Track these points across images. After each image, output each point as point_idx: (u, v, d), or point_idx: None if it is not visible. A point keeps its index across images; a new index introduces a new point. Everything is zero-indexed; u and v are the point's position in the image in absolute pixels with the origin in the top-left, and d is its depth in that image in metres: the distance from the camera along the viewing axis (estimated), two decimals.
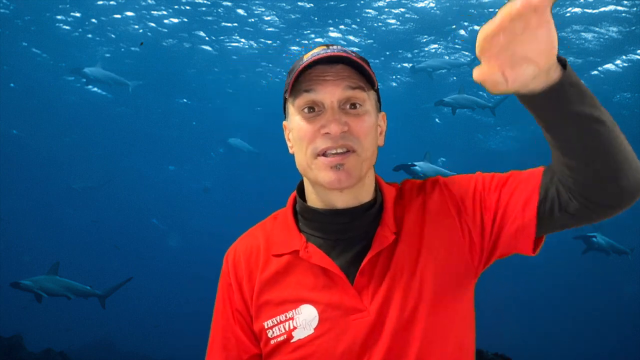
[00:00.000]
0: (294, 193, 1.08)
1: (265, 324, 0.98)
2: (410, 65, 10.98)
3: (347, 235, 0.98)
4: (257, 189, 18.15)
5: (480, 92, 11.59)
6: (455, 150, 14.63)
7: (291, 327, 0.95)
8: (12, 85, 12.57)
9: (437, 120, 14.20)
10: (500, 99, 8.81)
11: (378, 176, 1.07)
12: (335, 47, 0.96)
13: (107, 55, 11.29)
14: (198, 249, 17.48)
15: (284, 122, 1.05)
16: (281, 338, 0.96)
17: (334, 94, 0.93)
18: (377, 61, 11.39)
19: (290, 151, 1.03)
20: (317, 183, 0.97)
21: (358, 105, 0.94)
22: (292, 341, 0.95)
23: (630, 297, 14.60)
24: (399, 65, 11.42)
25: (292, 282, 0.98)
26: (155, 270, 15.53)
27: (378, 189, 1.05)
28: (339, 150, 0.92)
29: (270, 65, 12.04)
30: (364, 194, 1.00)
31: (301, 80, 0.95)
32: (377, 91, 1.01)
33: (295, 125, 0.97)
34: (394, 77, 12.01)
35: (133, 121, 15.11)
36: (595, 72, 10.48)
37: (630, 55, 9.75)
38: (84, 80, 10.10)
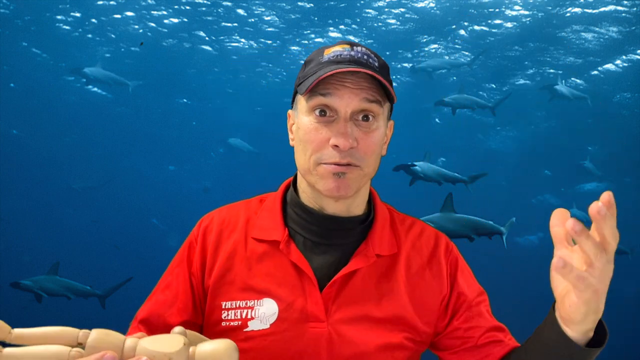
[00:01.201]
0: (288, 181, 1.06)
1: (223, 303, 0.95)
2: (410, 65, 10.98)
3: (331, 241, 0.97)
4: (257, 189, 18.08)
5: (480, 92, 11.60)
6: (455, 150, 14.62)
7: (248, 317, 0.93)
8: (12, 85, 12.57)
9: (437, 120, 14.21)
10: (500, 99, 8.82)
11: (375, 192, 1.06)
12: (359, 48, 0.92)
13: (107, 55, 11.29)
14: None
15: (290, 111, 1.02)
16: (235, 323, 0.93)
17: (350, 103, 0.88)
18: None
19: (291, 143, 0.99)
20: (315, 188, 0.95)
21: (371, 118, 0.91)
22: (245, 330, 0.93)
23: (630, 297, 14.60)
24: (399, 65, 11.41)
25: (262, 272, 0.96)
26: (155, 270, 15.42)
27: (372, 204, 1.04)
28: (343, 163, 0.90)
29: (270, 65, 12.04)
30: (356, 205, 0.99)
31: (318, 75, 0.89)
32: (391, 103, 0.99)
33: (303, 125, 0.92)
34: (394, 77, 11.96)
35: (133, 121, 15.11)
36: (595, 72, 10.47)
37: (630, 55, 9.74)
38: (84, 80, 10.09)
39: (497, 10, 8.92)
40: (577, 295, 0.68)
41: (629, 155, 12.35)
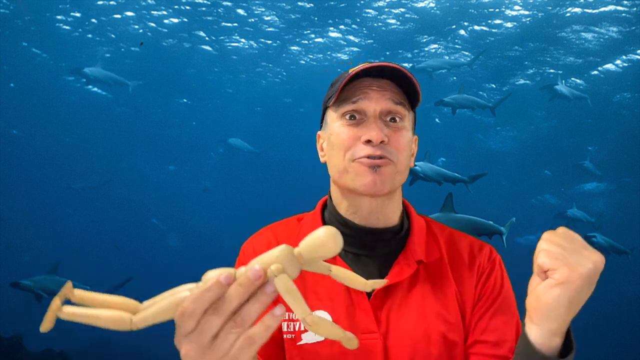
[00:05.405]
0: (324, 199, 1.09)
1: None
2: (410, 65, 10.98)
3: (371, 252, 1.00)
4: (257, 189, 18.15)
5: (480, 92, 11.60)
6: (455, 150, 14.63)
7: (302, 329, 0.94)
8: (12, 85, 12.57)
9: (437, 120, 14.20)
10: (500, 99, 8.81)
11: (409, 204, 1.09)
12: (382, 60, 0.99)
13: (107, 55, 11.30)
14: (198, 249, 17.46)
15: (319, 132, 1.08)
16: (289, 336, 0.95)
17: (378, 103, 0.95)
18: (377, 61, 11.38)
19: (322, 160, 1.05)
20: (350, 187, 0.97)
21: (398, 119, 0.97)
22: (299, 343, 0.94)
23: (630, 297, 14.60)
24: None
25: (312, 284, 0.98)
26: (155, 270, 15.52)
27: (406, 215, 1.07)
28: (377, 155, 0.94)
29: (270, 65, 12.04)
30: (390, 211, 1.01)
31: (346, 89, 0.97)
32: (415, 113, 1.04)
33: (335, 131, 0.98)
34: None
35: (133, 121, 15.11)
36: (595, 72, 10.47)
37: (630, 55, 9.75)
38: (84, 80, 10.09)
39: (497, 10, 8.93)
40: (553, 280, 0.73)
41: (629, 155, 12.35)
